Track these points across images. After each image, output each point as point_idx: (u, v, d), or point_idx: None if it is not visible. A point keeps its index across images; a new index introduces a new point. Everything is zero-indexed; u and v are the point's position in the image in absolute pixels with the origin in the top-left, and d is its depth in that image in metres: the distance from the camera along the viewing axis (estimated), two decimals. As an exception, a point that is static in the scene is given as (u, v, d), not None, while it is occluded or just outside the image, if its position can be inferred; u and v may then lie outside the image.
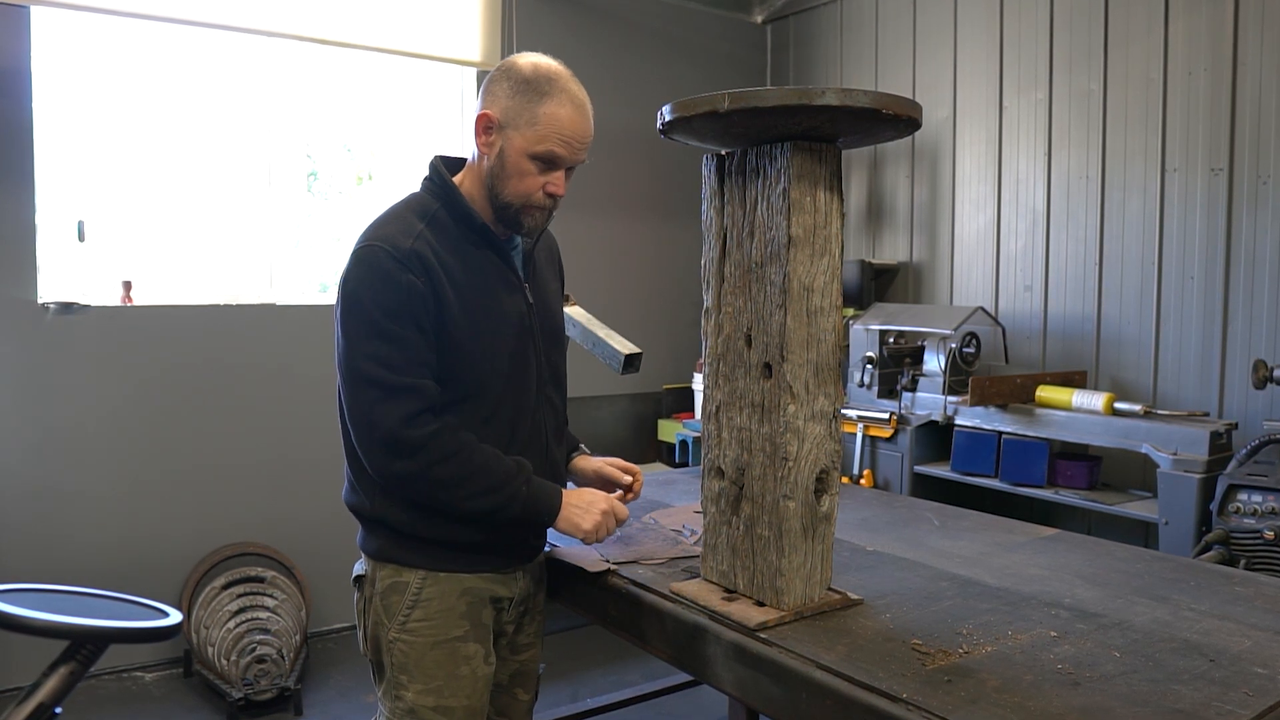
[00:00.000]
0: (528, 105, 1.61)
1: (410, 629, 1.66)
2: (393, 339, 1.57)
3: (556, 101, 1.61)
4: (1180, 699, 1.23)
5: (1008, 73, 4.03)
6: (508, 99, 1.62)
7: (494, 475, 1.61)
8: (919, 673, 1.32)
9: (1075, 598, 1.64)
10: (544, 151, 1.62)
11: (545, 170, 1.64)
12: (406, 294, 1.57)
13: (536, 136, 1.61)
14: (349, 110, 4.23)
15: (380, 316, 1.56)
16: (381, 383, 1.56)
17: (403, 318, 1.57)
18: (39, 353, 3.39)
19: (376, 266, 1.57)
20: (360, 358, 1.57)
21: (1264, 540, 2.72)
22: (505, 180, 1.65)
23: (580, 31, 4.53)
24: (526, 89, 1.61)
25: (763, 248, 1.51)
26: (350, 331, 1.59)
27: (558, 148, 1.62)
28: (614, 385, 4.65)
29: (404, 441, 1.56)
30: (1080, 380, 3.63)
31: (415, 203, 1.70)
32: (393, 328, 1.57)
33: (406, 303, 1.57)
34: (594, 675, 3.65)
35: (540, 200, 1.66)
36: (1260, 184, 3.25)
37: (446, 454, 1.57)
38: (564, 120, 1.62)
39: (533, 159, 1.63)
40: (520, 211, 1.67)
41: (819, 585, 1.57)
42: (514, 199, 1.65)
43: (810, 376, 1.51)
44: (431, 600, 1.66)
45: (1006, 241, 4.08)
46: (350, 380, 1.59)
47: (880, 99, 1.38)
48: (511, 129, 1.62)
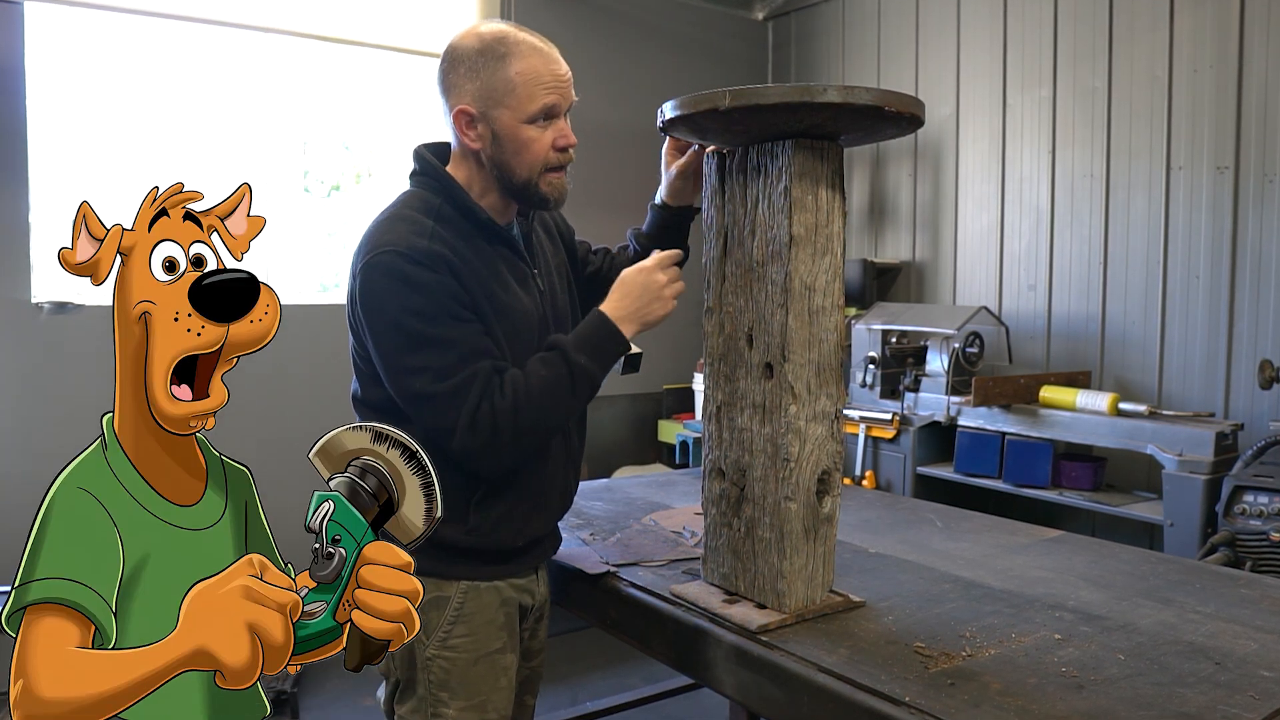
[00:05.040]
0: (495, 76, 1.53)
1: (452, 645, 1.59)
2: (433, 344, 1.48)
3: (519, 55, 1.53)
4: (1186, 702, 1.22)
5: (1011, 70, 4.01)
6: (471, 82, 1.55)
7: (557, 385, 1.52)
8: (922, 676, 1.31)
9: (1079, 600, 1.63)
10: (539, 109, 1.54)
11: (546, 127, 1.56)
12: (435, 291, 1.48)
13: (522, 100, 1.53)
14: (347, 107, 4.21)
15: (413, 324, 1.47)
16: (433, 396, 1.47)
17: (438, 318, 1.48)
18: (33, 353, 3.38)
19: (394, 273, 1.48)
20: (405, 375, 1.49)
21: (1270, 542, 2.70)
22: (513, 159, 1.57)
23: (579, 28, 4.52)
24: (485, 61, 1.54)
25: (764, 246, 1.50)
26: (386, 352, 1.50)
27: (548, 98, 1.54)
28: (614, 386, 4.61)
29: (478, 437, 1.47)
30: (1084, 381, 3.61)
31: (416, 200, 1.59)
32: (429, 331, 1.47)
33: (437, 300, 1.48)
34: (594, 678, 3.64)
35: (555, 159, 1.58)
36: (1267, 182, 3.23)
37: (517, 407, 1.48)
38: (539, 69, 1.54)
39: (529, 123, 1.55)
40: (539, 183, 1.58)
41: (821, 587, 1.56)
42: (530, 172, 1.57)
43: (812, 377, 1.49)
44: (474, 614, 1.60)
45: (1010, 240, 4.06)
46: (406, 401, 1.51)
47: (882, 96, 1.37)
48: (494, 108, 1.54)
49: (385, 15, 4.02)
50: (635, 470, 4.61)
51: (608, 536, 2.03)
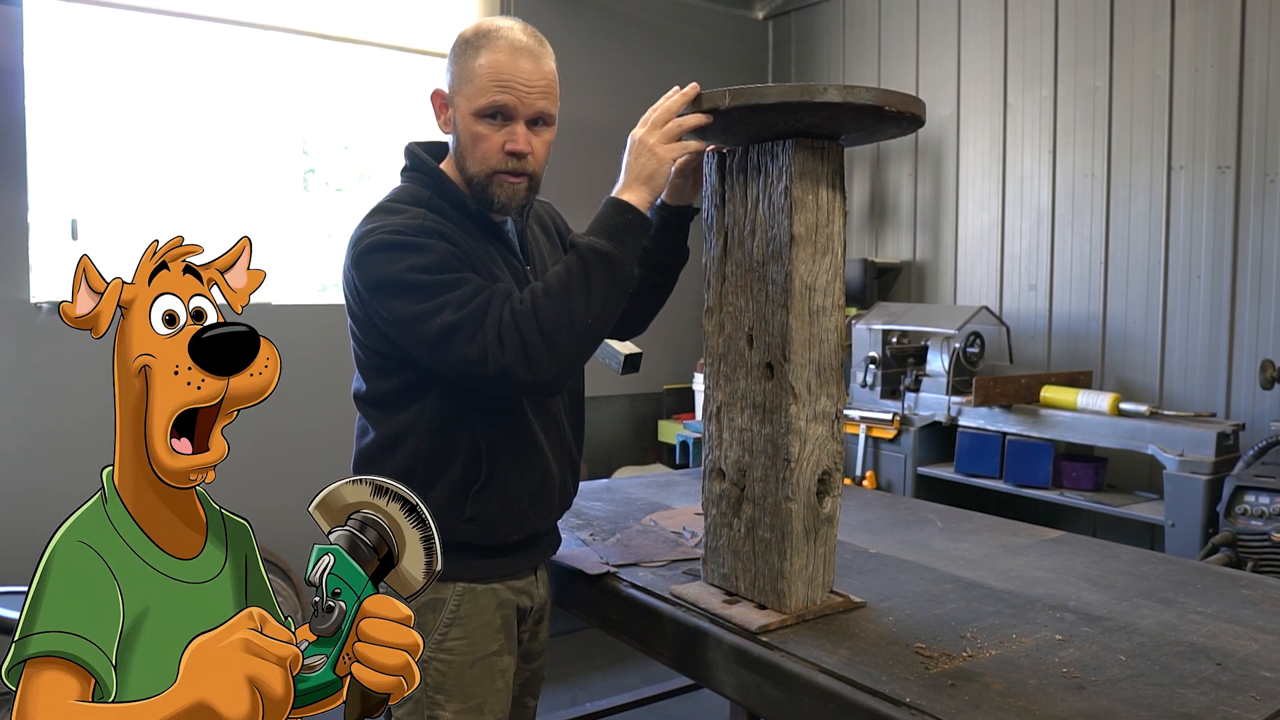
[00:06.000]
0: (465, 65, 1.51)
1: (448, 648, 1.58)
2: (445, 285, 1.43)
3: (491, 49, 1.49)
4: (1187, 703, 1.22)
5: (1012, 69, 4.01)
6: (452, 66, 1.54)
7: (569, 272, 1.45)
8: (922, 676, 1.30)
9: (1080, 600, 1.62)
10: (486, 105, 1.49)
11: (499, 127, 1.51)
12: (435, 250, 1.45)
13: (476, 91, 1.49)
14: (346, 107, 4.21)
15: (420, 278, 1.43)
16: (458, 325, 1.41)
17: (444, 268, 1.44)
18: (31, 352, 3.37)
19: (390, 245, 1.45)
20: (425, 319, 1.42)
21: (1271, 542, 2.70)
22: (465, 153, 1.54)
23: (579, 27, 4.51)
24: (465, 49, 1.52)
25: (764, 246, 1.50)
26: (401, 311, 1.44)
27: (498, 96, 1.48)
28: (614, 386, 4.63)
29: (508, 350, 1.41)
30: (1085, 381, 3.61)
31: (405, 194, 1.58)
32: (439, 278, 1.43)
33: (440, 257, 1.45)
34: (594, 679, 3.64)
35: (502, 163, 1.52)
36: (1268, 182, 3.23)
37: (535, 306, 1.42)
38: (501, 64, 1.48)
39: (479, 117, 1.50)
40: (489, 183, 1.54)
41: (821, 588, 1.55)
42: (478, 170, 1.53)
43: (812, 377, 1.49)
44: (470, 617, 1.60)
45: (1011, 240, 4.05)
46: (433, 343, 1.43)
47: (883, 96, 1.36)
48: (456, 95, 1.52)
49: (385, 14, 4.02)
50: (635, 470, 4.61)
51: (608, 537, 2.03)
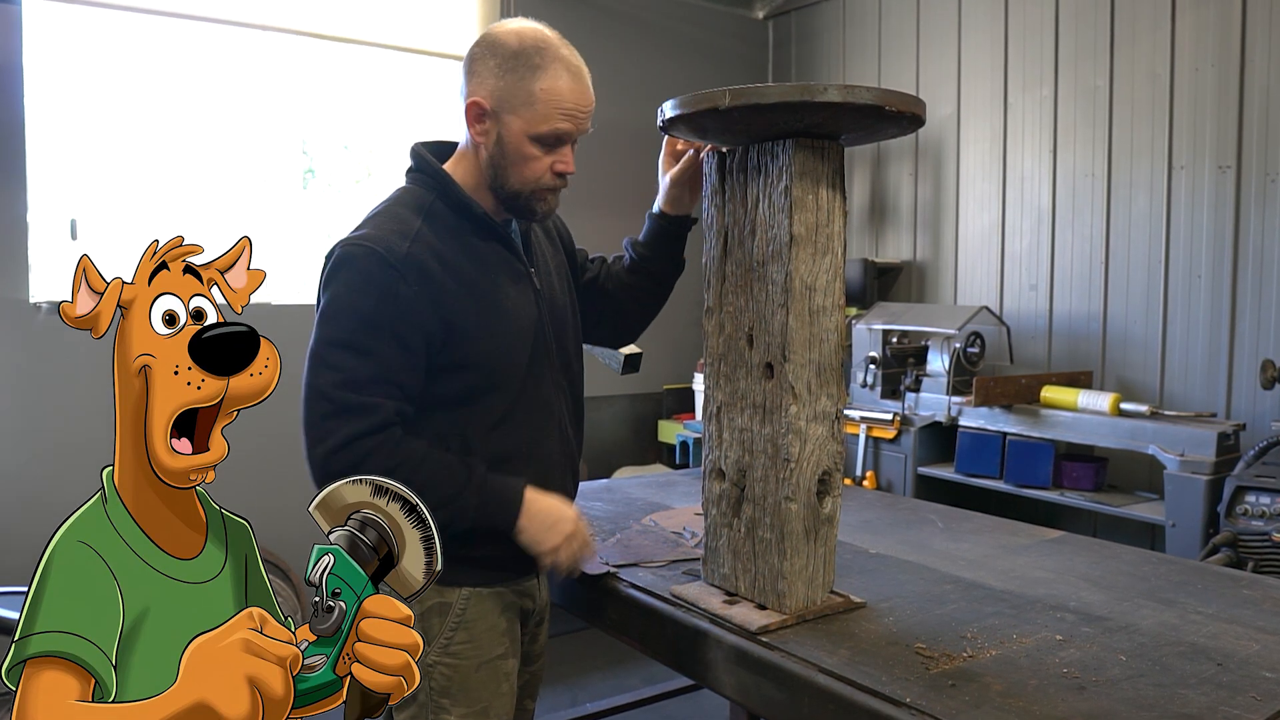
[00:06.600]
0: (521, 83, 1.49)
1: (454, 652, 1.58)
2: (362, 352, 1.46)
3: (551, 73, 1.50)
4: (1187, 703, 1.22)
5: (1012, 69, 4.01)
6: (496, 79, 1.51)
7: (438, 490, 1.45)
8: (923, 677, 1.30)
9: (1081, 601, 1.62)
10: (548, 132, 1.51)
11: (551, 150, 1.54)
12: (391, 303, 1.46)
13: (537, 117, 1.50)
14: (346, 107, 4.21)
15: (355, 325, 1.46)
16: (334, 398, 1.45)
17: (380, 330, 1.46)
18: (31, 352, 3.37)
19: (360, 269, 1.46)
20: (319, 365, 1.47)
21: (1272, 542, 2.70)
22: (510, 168, 1.54)
23: (580, 26, 4.51)
24: (516, 64, 1.50)
25: (764, 246, 1.50)
26: (321, 334, 1.48)
27: (562, 124, 1.51)
28: (614, 386, 4.63)
29: (340, 461, 1.43)
30: (1086, 380, 3.61)
31: (408, 197, 1.58)
32: (365, 340, 1.46)
33: (388, 312, 1.46)
34: (593, 679, 3.64)
35: (550, 182, 1.56)
36: (1269, 181, 3.23)
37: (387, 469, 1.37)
38: (564, 93, 1.50)
39: (536, 141, 1.52)
40: (531, 198, 1.56)
41: (821, 588, 1.55)
42: (522, 186, 1.55)
43: (812, 377, 1.49)
44: (476, 621, 1.59)
45: (1011, 240, 4.05)
46: (307, 386, 1.48)
47: (883, 95, 1.36)
48: (507, 113, 1.51)
49: (385, 14, 4.01)
50: (635, 470, 4.61)
51: (608, 537, 2.03)
